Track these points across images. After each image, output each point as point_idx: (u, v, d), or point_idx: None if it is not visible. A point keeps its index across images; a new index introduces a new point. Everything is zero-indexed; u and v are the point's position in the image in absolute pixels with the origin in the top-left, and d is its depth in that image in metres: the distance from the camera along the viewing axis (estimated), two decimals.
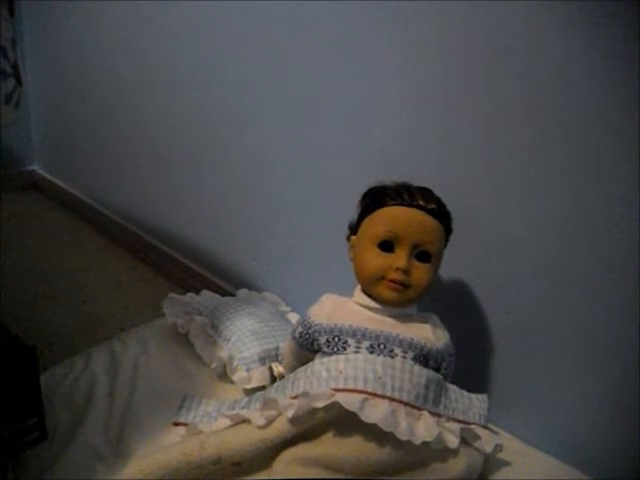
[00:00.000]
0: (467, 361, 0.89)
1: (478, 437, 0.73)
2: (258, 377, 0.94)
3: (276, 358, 0.98)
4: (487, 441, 0.73)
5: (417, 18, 0.88)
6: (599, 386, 0.82)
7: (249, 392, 0.91)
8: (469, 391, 0.81)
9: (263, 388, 0.91)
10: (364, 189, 0.85)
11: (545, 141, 0.79)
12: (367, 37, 0.96)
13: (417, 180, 0.82)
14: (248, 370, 0.95)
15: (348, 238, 0.87)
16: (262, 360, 0.96)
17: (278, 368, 0.96)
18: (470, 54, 0.84)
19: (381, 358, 0.74)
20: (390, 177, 0.83)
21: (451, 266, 0.90)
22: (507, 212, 0.86)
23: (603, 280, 0.78)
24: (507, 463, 0.79)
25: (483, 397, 0.81)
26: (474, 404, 0.79)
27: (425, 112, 0.92)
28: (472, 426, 0.74)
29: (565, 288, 0.82)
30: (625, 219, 0.74)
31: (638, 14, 0.67)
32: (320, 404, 0.67)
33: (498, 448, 0.75)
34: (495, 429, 0.85)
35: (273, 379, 0.95)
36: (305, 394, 0.69)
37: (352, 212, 0.86)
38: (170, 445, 0.74)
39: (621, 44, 0.70)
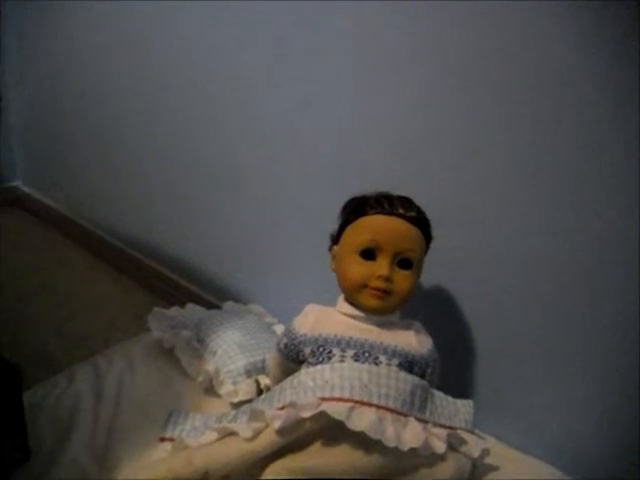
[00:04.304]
0: (452, 367, 0.89)
1: (465, 442, 0.73)
2: (245, 390, 0.93)
3: (263, 371, 0.98)
4: (474, 446, 0.74)
5: (414, 20, 0.89)
6: (588, 390, 0.83)
7: (236, 405, 0.90)
8: (454, 397, 0.81)
9: (250, 401, 0.90)
10: (346, 200, 0.85)
11: (543, 143, 0.80)
12: (365, 39, 0.96)
13: (403, 189, 0.82)
14: (235, 383, 0.94)
15: (330, 249, 0.87)
16: (249, 373, 0.96)
17: (265, 381, 0.96)
18: (469, 57, 0.85)
19: (366, 366, 0.74)
20: (372, 188, 0.83)
21: (434, 271, 0.90)
22: (505, 211, 0.86)
23: (599, 282, 0.79)
24: (495, 468, 0.79)
25: (469, 402, 0.82)
26: (460, 410, 0.80)
27: (420, 119, 0.92)
28: (458, 431, 0.74)
29: (563, 290, 0.83)
30: (624, 220, 0.75)
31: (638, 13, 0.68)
32: (307, 414, 0.67)
33: (485, 452, 0.75)
34: (482, 434, 0.85)
35: (260, 392, 0.94)
36: (292, 404, 0.69)
37: (334, 223, 0.86)
38: (156, 461, 0.73)
39: (622, 43, 0.71)
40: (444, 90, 0.88)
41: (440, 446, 0.70)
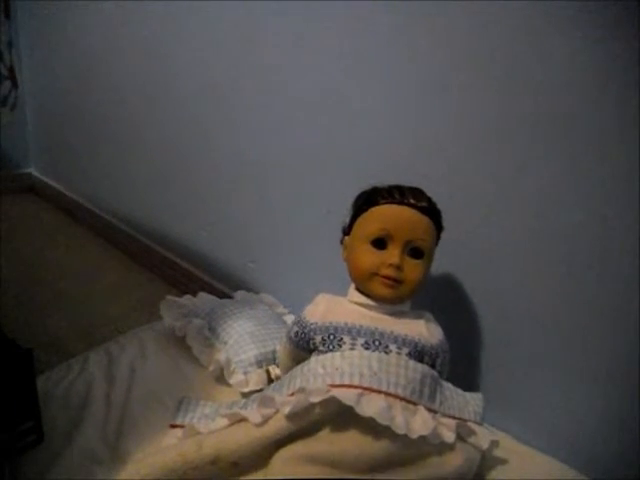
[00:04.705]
0: (462, 359, 0.89)
1: (474, 433, 0.73)
2: (255, 380, 0.94)
3: (273, 361, 0.98)
4: (483, 437, 0.74)
5: (412, 20, 0.89)
6: (598, 386, 0.82)
7: (246, 395, 0.91)
8: (463, 390, 0.81)
9: (260, 391, 0.91)
10: (359, 192, 0.86)
11: (545, 142, 0.79)
12: (362, 38, 0.97)
13: (415, 182, 0.82)
14: (245, 373, 0.95)
15: (342, 240, 0.88)
16: (259, 363, 0.97)
17: (275, 371, 0.96)
18: (467, 56, 0.85)
19: (376, 354, 0.74)
20: (385, 181, 0.83)
21: (446, 264, 0.90)
22: (503, 211, 0.86)
23: (605, 283, 0.78)
24: (504, 462, 0.79)
25: (478, 396, 0.81)
26: (469, 402, 0.79)
27: (423, 115, 0.92)
28: (468, 423, 0.74)
29: (566, 287, 0.82)
30: (625, 222, 0.74)
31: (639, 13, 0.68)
32: (317, 399, 0.68)
33: (494, 445, 0.75)
34: (490, 428, 0.85)
35: (270, 382, 0.95)
36: (302, 390, 0.70)
37: (345, 216, 0.87)
38: (167, 446, 0.74)
39: (622, 43, 0.70)
40: (441, 90, 0.89)
41: (449, 435, 0.70)
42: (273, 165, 1.19)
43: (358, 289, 0.83)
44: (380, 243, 0.79)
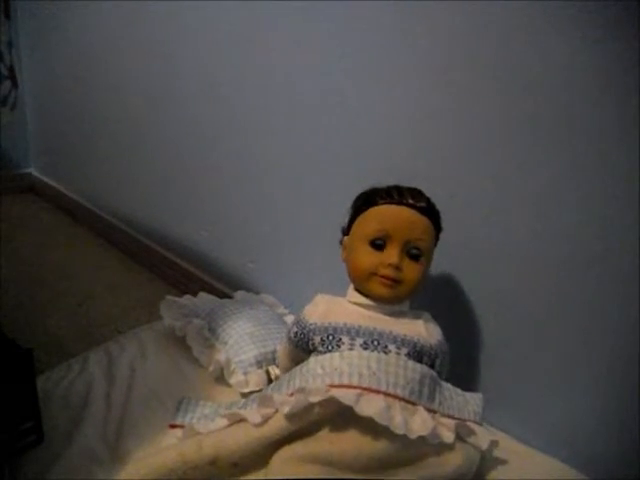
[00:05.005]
0: (462, 359, 0.89)
1: (473, 433, 0.73)
2: (255, 380, 0.94)
3: (273, 361, 0.98)
4: (482, 437, 0.73)
5: (412, 20, 0.89)
6: (598, 386, 0.82)
7: (246, 395, 0.91)
8: (463, 390, 0.81)
9: (260, 392, 0.91)
10: (359, 192, 0.86)
11: (545, 142, 0.79)
12: (362, 39, 0.97)
13: (413, 183, 0.82)
14: (245, 373, 0.95)
15: (341, 241, 0.88)
16: (259, 363, 0.97)
17: (275, 371, 0.96)
18: (467, 55, 0.84)
19: (375, 354, 0.74)
20: (385, 182, 0.83)
21: (447, 264, 0.91)
22: (504, 212, 0.86)
23: (605, 283, 0.78)
24: (504, 462, 0.79)
25: (478, 396, 0.81)
26: (469, 402, 0.79)
27: (423, 115, 0.92)
28: (467, 422, 0.74)
29: (566, 288, 0.82)
30: (625, 222, 0.74)
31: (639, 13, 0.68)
32: (316, 399, 0.68)
33: (494, 444, 0.75)
34: (490, 428, 0.85)
35: (270, 382, 0.95)
36: (301, 390, 0.70)
37: (344, 216, 0.87)
38: (167, 446, 0.74)
39: (622, 43, 0.70)
40: (442, 90, 0.89)
41: (448, 435, 0.70)
42: (273, 165, 1.19)
43: (357, 289, 0.83)
44: (379, 243, 0.79)
